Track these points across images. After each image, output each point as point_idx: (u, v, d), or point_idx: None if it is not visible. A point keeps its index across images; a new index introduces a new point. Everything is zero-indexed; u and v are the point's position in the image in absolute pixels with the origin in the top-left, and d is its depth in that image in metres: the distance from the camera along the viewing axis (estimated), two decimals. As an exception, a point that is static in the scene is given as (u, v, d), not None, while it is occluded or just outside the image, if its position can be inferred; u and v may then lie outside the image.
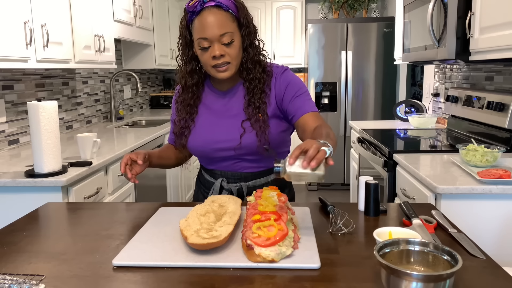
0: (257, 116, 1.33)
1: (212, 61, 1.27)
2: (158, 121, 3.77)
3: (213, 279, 0.87)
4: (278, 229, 0.96)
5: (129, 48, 3.96)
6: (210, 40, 1.25)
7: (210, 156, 1.42)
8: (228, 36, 1.25)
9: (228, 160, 1.41)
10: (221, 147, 1.38)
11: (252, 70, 1.33)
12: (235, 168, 1.41)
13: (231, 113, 1.39)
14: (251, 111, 1.34)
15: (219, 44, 1.25)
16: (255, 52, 1.34)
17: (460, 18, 2.02)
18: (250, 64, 1.33)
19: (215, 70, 1.29)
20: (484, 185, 1.53)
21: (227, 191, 1.42)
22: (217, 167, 1.44)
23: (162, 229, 1.13)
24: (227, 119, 1.38)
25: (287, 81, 1.37)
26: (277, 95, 1.37)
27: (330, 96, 4.53)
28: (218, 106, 1.41)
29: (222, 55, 1.26)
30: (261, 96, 1.34)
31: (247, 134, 1.33)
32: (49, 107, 1.71)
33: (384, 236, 0.98)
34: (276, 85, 1.38)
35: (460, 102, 2.63)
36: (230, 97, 1.40)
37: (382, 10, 4.98)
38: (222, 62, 1.27)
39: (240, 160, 1.40)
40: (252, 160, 1.40)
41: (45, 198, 1.69)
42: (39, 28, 2.07)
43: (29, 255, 1.01)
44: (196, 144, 1.41)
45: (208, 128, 1.40)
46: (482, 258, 0.96)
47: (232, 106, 1.39)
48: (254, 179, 1.42)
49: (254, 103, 1.33)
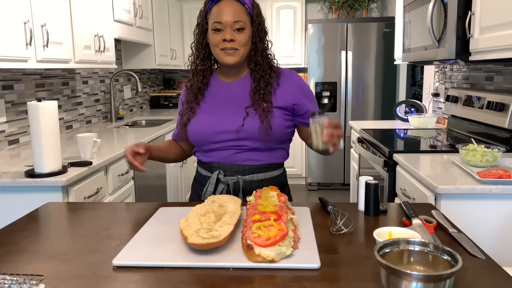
0: (261, 102, 1.39)
1: (221, 44, 1.37)
2: (158, 121, 3.77)
3: (213, 279, 0.87)
4: (278, 229, 0.96)
5: (129, 48, 3.96)
6: (223, 25, 1.35)
7: (209, 141, 1.42)
8: (240, 24, 1.36)
9: (227, 149, 1.42)
10: (222, 130, 1.40)
11: (260, 62, 1.43)
12: (234, 159, 1.42)
13: (236, 102, 1.43)
14: (256, 98, 1.41)
15: (231, 30, 1.36)
16: (264, 48, 1.44)
17: (460, 18, 2.02)
18: (259, 57, 1.43)
19: (223, 53, 1.38)
20: (484, 185, 1.53)
21: (223, 184, 1.42)
22: (215, 158, 1.44)
23: (162, 229, 1.13)
24: (231, 107, 1.43)
25: (302, 84, 1.48)
26: (287, 93, 1.44)
27: (330, 96, 4.54)
28: (223, 95, 1.46)
29: (232, 39, 1.35)
30: (267, 86, 1.41)
31: (250, 117, 1.39)
32: (49, 107, 1.71)
33: (384, 236, 0.98)
34: (286, 83, 1.45)
35: (460, 102, 2.63)
36: (236, 88, 1.46)
37: (382, 10, 4.98)
38: (230, 46, 1.36)
39: (239, 151, 1.41)
40: (253, 149, 1.41)
41: (45, 198, 1.69)
42: (39, 28, 2.07)
43: (29, 255, 1.01)
44: (197, 127, 1.43)
45: (212, 113, 1.44)
46: (482, 258, 0.96)
47: (238, 95, 1.44)
48: (252, 173, 1.43)
49: (260, 91, 1.41)
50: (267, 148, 1.42)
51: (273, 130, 1.38)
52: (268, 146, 1.42)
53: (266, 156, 1.43)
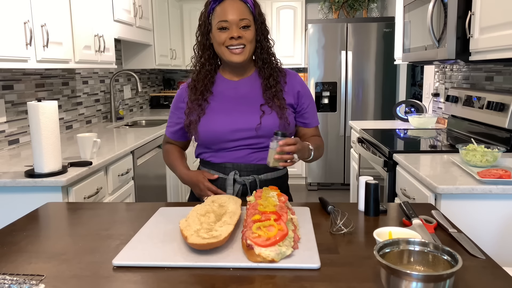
0: (275, 100, 1.42)
1: (228, 41, 1.38)
2: (158, 121, 3.77)
3: (213, 279, 0.87)
4: (278, 229, 0.96)
5: (129, 48, 3.96)
6: (230, 23, 1.37)
7: (225, 140, 1.41)
8: (245, 22, 1.38)
9: (242, 149, 1.42)
10: (239, 128, 1.40)
11: (267, 60, 1.46)
12: (249, 159, 1.43)
13: (247, 100, 1.44)
14: (269, 95, 1.42)
15: (237, 28, 1.37)
16: (269, 46, 1.47)
17: (460, 18, 2.02)
18: (265, 54, 1.45)
19: (229, 52, 1.39)
20: (484, 185, 1.53)
21: (239, 184, 1.42)
22: (229, 159, 1.43)
23: (162, 229, 1.13)
24: (243, 105, 1.43)
25: (304, 87, 1.51)
26: (293, 92, 1.47)
27: (330, 96, 4.53)
28: (231, 93, 1.46)
29: (239, 36, 1.37)
30: (277, 84, 1.44)
31: (267, 115, 1.41)
32: (49, 107, 1.71)
33: (384, 236, 0.98)
34: (290, 83, 1.48)
35: (460, 102, 2.63)
36: (244, 86, 1.46)
37: (382, 10, 4.98)
38: (238, 43, 1.37)
39: (254, 150, 1.42)
40: (267, 148, 1.41)
41: (45, 198, 1.69)
42: (39, 28, 2.07)
43: (29, 255, 1.01)
44: (212, 125, 1.41)
45: (225, 112, 1.43)
46: (482, 258, 0.96)
47: (248, 94, 1.45)
48: (266, 172, 1.44)
49: (271, 88, 1.43)
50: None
51: (290, 126, 1.43)
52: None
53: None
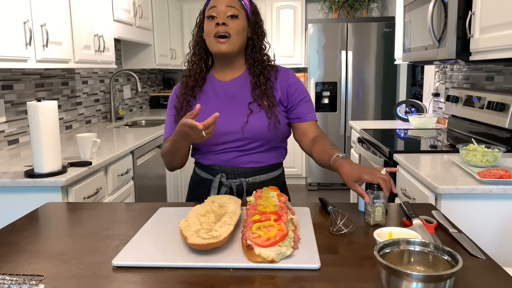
0: (264, 98, 1.39)
1: (214, 29, 1.36)
2: (158, 121, 3.77)
3: (213, 279, 0.87)
4: (278, 229, 0.95)
5: (129, 48, 3.96)
6: (217, 10, 1.36)
7: (211, 143, 1.40)
8: (233, 11, 1.37)
9: (229, 152, 1.40)
10: (225, 131, 1.37)
11: (258, 58, 1.43)
12: (236, 162, 1.41)
13: (237, 100, 1.42)
14: (258, 93, 1.40)
15: (224, 16, 1.36)
16: (261, 47, 1.44)
17: (461, 18, 2.02)
18: (257, 54, 1.43)
19: (215, 41, 1.37)
20: (484, 185, 1.52)
21: (226, 187, 1.42)
22: (217, 161, 1.42)
23: (162, 229, 1.12)
24: (232, 105, 1.41)
25: (296, 82, 1.46)
26: (283, 88, 1.44)
27: (330, 96, 4.53)
28: (221, 93, 1.44)
29: (224, 23, 1.35)
30: (267, 81, 1.41)
31: (255, 114, 1.38)
32: (49, 107, 1.70)
33: (384, 236, 0.98)
34: (282, 79, 1.45)
35: (461, 102, 2.63)
36: (235, 86, 1.44)
37: (382, 10, 4.98)
38: (223, 30, 1.35)
39: (242, 154, 1.40)
40: (256, 151, 1.40)
41: (45, 198, 1.69)
42: (38, 28, 2.07)
43: (29, 255, 1.01)
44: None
45: (213, 111, 1.36)
46: (482, 258, 0.96)
47: (237, 93, 1.43)
48: (254, 175, 1.42)
49: (261, 86, 1.40)
50: (270, 148, 1.42)
51: (280, 125, 1.40)
52: (272, 145, 1.42)
53: (268, 157, 1.43)
